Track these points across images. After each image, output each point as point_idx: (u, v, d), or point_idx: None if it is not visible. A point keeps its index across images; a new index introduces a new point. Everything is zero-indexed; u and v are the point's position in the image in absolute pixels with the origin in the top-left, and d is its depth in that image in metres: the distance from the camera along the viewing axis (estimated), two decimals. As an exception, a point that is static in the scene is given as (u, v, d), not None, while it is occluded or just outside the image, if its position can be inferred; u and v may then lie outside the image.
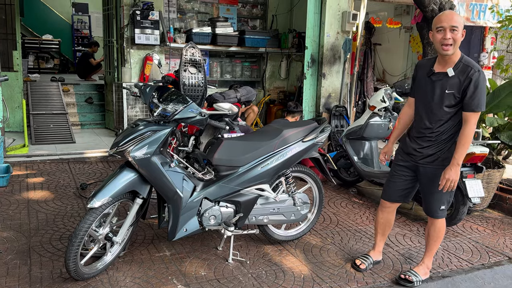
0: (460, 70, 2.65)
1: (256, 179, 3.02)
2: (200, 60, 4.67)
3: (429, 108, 2.76)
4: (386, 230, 3.16)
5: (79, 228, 2.58)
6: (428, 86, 2.76)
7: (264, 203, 3.15)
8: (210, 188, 2.98)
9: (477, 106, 2.60)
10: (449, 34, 2.60)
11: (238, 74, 8.11)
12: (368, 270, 3.13)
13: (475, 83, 2.58)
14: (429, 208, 2.93)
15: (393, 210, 3.11)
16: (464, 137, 2.64)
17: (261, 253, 3.29)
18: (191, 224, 2.95)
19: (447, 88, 2.66)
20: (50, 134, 6.65)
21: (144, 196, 2.80)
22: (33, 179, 4.71)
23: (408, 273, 2.99)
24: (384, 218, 3.11)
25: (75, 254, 2.58)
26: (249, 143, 3.09)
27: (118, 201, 2.74)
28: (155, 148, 2.72)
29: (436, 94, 2.72)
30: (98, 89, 8.35)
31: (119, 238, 2.83)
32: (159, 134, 2.76)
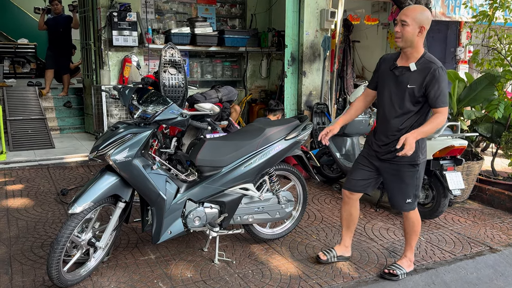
0: (422, 65, 2.68)
1: (239, 178, 3.02)
2: (180, 60, 4.63)
3: (391, 103, 2.78)
4: (350, 225, 3.18)
5: (61, 235, 2.53)
6: (391, 80, 2.79)
7: (249, 203, 3.15)
8: (194, 189, 2.96)
9: (444, 102, 2.64)
10: (398, 28, 2.66)
11: (219, 74, 8.08)
12: (330, 262, 3.13)
13: (438, 79, 2.61)
14: (394, 202, 2.96)
15: (355, 203, 3.12)
16: (435, 120, 2.65)
17: (247, 253, 3.28)
18: (175, 226, 2.93)
19: (409, 83, 2.70)
20: (29, 139, 6.51)
21: (127, 200, 2.76)
22: (12, 186, 4.60)
23: (392, 267, 3.02)
24: (347, 211, 3.13)
25: (57, 261, 2.53)
26: (232, 143, 3.08)
27: (100, 206, 2.70)
28: (136, 151, 2.69)
29: (398, 88, 2.75)
30: (77, 93, 8.21)
31: (102, 243, 2.79)
32: (140, 136, 2.72)
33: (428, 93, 2.64)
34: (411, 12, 2.65)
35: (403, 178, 2.85)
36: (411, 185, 2.87)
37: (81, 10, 7.39)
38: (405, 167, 2.82)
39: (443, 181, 3.85)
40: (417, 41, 2.68)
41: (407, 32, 2.64)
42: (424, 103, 2.71)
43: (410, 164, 2.81)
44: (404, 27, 2.64)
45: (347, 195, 3.09)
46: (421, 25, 2.63)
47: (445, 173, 3.86)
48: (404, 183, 2.86)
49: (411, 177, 2.85)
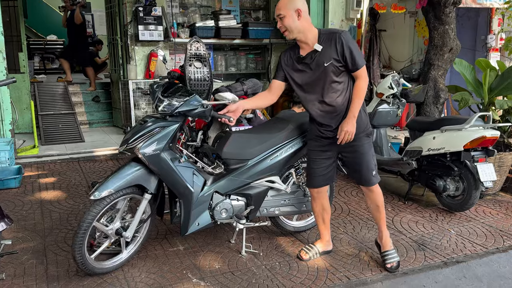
0: (325, 40, 2.68)
1: (265, 171, 3.02)
2: (205, 54, 4.66)
3: (319, 89, 2.76)
4: (325, 217, 3.13)
5: (83, 220, 2.62)
6: (306, 72, 2.78)
7: (275, 195, 3.15)
8: (221, 182, 2.98)
9: (361, 62, 2.68)
10: (279, 23, 2.71)
11: (243, 67, 8.08)
12: (312, 260, 3.08)
13: (347, 43, 2.64)
14: (363, 178, 2.90)
15: (324, 195, 3.08)
16: (359, 90, 2.71)
17: (273, 245, 3.30)
18: (203, 218, 2.97)
19: (324, 61, 2.69)
20: (59, 134, 6.69)
21: (152, 191, 2.79)
22: (45, 179, 4.75)
23: (387, 261, 2.96)
24: (318, 205, 3.09)
25: (80, 245, 2.60)
26: (258, 136, 3.08)
27: (124, 196, 2.75)
28: (164, 144, 2.73)
29: (317, 73, 2.73)
30: (105, 88, 8.38)
31: (129, 233, 2.83)
32: (168, 130, 2.76)
33: (345, 59, 2.65)
34: (281, 3, 2.69)
35: (363, 150, 2.83)
36: (371, 155, 2.87)
37: (107, 6, 7.51)
38: (362, 139, 2.81)
39: (474, 173, 3.76)
40: (303, 25, 2.69)
41: (287, 23, 2.67)
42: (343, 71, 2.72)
43: (366, 135, 2.82)
44: (283, 20, 2.68)
45: (314, 192, 3.05)
46: (296, 9, 2.65)
47: (476, 165, 3.76)
48: (365, 155, 2.84)
49: (369, 147, 2.86)
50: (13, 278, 2.75)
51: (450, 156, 3.95)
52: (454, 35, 4.88)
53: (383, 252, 3.01)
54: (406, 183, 4.40)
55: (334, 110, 2.77)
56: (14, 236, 3.33)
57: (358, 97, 2.71)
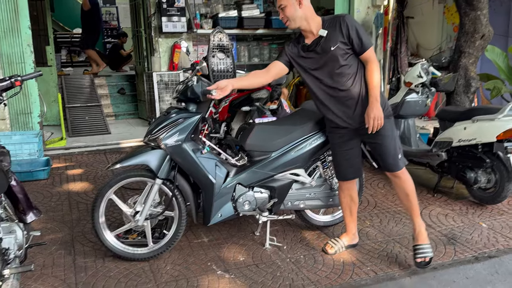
0: (329, 25, 2.63)
1: (290, 164, 2.97)
2: (228, 45, 4.62)
3: (328, 75, 2.68)
4: (353, 209, 3.05)
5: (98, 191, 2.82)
6: (314, 58, 2.70)
7: (300, 188, 3.10)
8: (243, 174, 2.95)
9: (368, 43, 2.62)
10: (281, 14, 2.68)
11: (266, 57, 8.00)
12: (338, 253, 3.02)
13: (352, 24, 2.58)
14: (389, 163, 2.79)
15: (353, 186, 3.00)
16: (372, 73, 2.63)
17: (298, 238, 3.26)
18: (225, 210, 2.95)
19: (331, 45, 2.61)
20: (86, 126, 6.81)
21: (160, 176, 2.76)
22: (72, 171, 4.84)
23: (418, 255, 2.84)
24: (346, 196, 3.01)
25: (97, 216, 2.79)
26: (282, 127, 3.03)
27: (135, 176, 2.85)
28: (186, 135, 2.73)
29: (325, 58, 2.65)
30: (130, 80, 8.46)
31: (139, 217, 2.81)
32: (189, 121, 2.76)
33: (351, 41, 2.59)
34: None
35: (385, 133, 2.71)
36: (394, 137, 2.77)
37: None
38: (384, 121, 2.68)
39: (508, 165, 3.61)
40: (305, 12, 2.64)
41: (289, 12, 2.63)
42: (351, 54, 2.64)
43: (386, 117, 2.70)
44: (284, 10, 2.64)
45: (344, 183, 2.98)
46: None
47: (509, 156, 3.61)
48: (388, 137, 2.73)
49: (391, 129, 2.75)
50: (42, 268, 2.80)
51: (482, 147, 3.80)
52: (486, 21, 4.68)
53: (415, 245, 2.89)
54: (435, 175, 4.27)
55: (347, 96, 2.69)
56: (43, 226, 3.40)
57: (373, 80, 2.62)
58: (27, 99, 5.26)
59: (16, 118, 5.25)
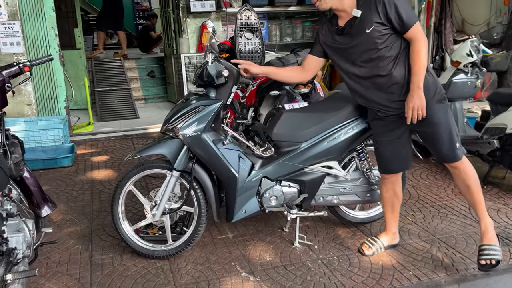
0: (364, 3, 2.27)
1: (321, 155, 2.67)
2: (256, 23, 4.29)
3: (365, 61, 2.33)
4: (395, 205, 2.71)
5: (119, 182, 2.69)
6: (348, 43, 2.35)
7: (333, 182, 2.80)
8: (270, 166, 2.67)
9: (411, 19, 2.22)
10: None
11: (298, 36, 7.59)
12: (376, 255, 2.70)
13: (390, 2, 2.20)
14: (444, 153, 2.43)
15: (397, 180, 2.65)
16: (417, 54, 2.24)
17: (331, 236, 2.97)
18: (250, 205, 2.69)
19: (366, 27, 2.24)
20: (115, 110, 6.70)
21: (178, 167, 2.54)
22: (98, 158, 4.71)
23: (483, 256, 2.47)
24: (389, 190, 2.67)
25: (116, 207, 2.68)
26: (313, 115, 2.72)
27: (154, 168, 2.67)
28: (205, 125, 2.48)
29: (360, 41, 2.29)
30: (159, 62, 8.30)
31: (156, 211, 2.62)
32: (209, 108, 2.49)
33: (390, 20, 2.22)
34: None
35: (437, 120, 2.35)
36: (450, 124, 2.38)
37: (159, -23, 7.31)
38: (434, 107, 2.32)
39: None
40: None
41: None
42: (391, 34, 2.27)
43: (438, 101, 2.34)
44: None
45: (386, 176, 2.64)
46: None
47: None
48: (441, 125, 2.36)
49: (444, 115, 2.37)
50: (57, 265, 2.66)
51: (542, 134, 3.35)
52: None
53: (481, 245, 2.52)
54: (485, 164, 3.84)
55: (389, 81, 2.34)
56: (62, 218, 3.27)
57: (418, 63, 2.24)
58: (53, 84, 5.16)
59: (42, 103, 5.16)
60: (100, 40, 9.00)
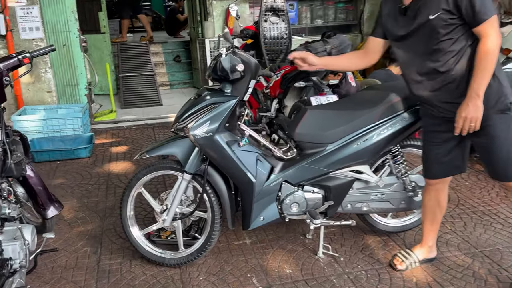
0: None
1: (351, 158, 2.36)
2: (282, 6, 3.97)
3: (425, 52, 1.99)
4: (437, 215, 2.36)
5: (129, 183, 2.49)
6: (409, 26, 1.99)
7: (363, 188, 2.49)
8: (292, 170, 2.40)
9: (485, 12, 1.81)
10: None
11: (331, 18, 7.17)
12: (409, 270, 2.39)
13: None
14: (497, 170, 2.08)
15: (443, 188, 2.30)
16: (483, 55, 1.85)
17: (359, 246, 2.68)
18: (269, 212, 2.44)
19: (430, 13, 1.89)
20: (138, 97, 6.55)
21: (190, 170, 2.31)
22: (117, 148, 4.56)
23: None
24: (432, 199, 2.32)
25: (125, 209, 2.49)
26: (342, 113, 2.41)
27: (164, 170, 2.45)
28: (218, 125, 2.22)
29: (422, 27, 1.94)
30: (186, 47, 8.07)
31: (166, 216, 2.41)
32: (224, 106, 2.22)
33: (459, 8, 1.84)
34: None
35: (495, 133, 1.98)
36: (508, 139, 1.99)
37: (184, -43, 7.02)
38: (493, 118, 1.95)
39: None
40: None
41: None
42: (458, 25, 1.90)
43: (499, 111, 1.95)
44: None
45: (431, 182, 2.30)
46: None
47: None
48: (498, 139, 1.98)
49: (506, 129, 1.98)
50: (63, 271, 2.50)
51: None
52: None
53: None
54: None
55: (447, 79, 1.98)
56: (74, 216, 3.12)
57: (483, 66, 1.84)
58: (73, 70, 5.02)
59: (62, 90, 5.05)
60: (124, 27, 8.78)
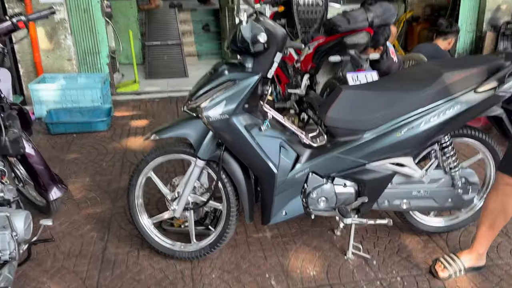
0: None
1: (392, 149, 2.00)
2: (319, -31, 3.54)
3: None
4: (497, 222, 1.98)
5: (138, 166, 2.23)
6: None
7: (404, 183, 2.14)
8: (321, 159, 2.06)
9: None
10: None
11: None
12: (453, 278, 2.06)
13: None
14: None
15: None
16: None
17: (395, 247, 2.35)
18: (292, 206, 2.13)
19: None
20: (164, 67, 6.27)
21: (203, 156, 2.03)
22: (137, 122, 4.32)
23: None
24: (498, 201, 1.93)
25: (132, 194, 2.25)
26: (384, 95, 2.03)
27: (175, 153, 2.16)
28: (236, 105, 1.90)
29: None
30: (215, 15, 7.68)
31: (177, 206, 2.15)
32: (243, 84, 1.89)
33: None
34: None
35: None
36: None
37: None
38: None
39: None
40: None
41: None
42: None
43: None
44: None
45: (504, 179, 1.89)
46: None
47: None
48: None
49: None
50: (65, 258, 2.29)
51: None
52: None
53: None
54: None
55: None
56: (84, 196, 2.92)
57: None
58: (95, 37, 4.77)
59: (83, 58, 4.82)
60: None
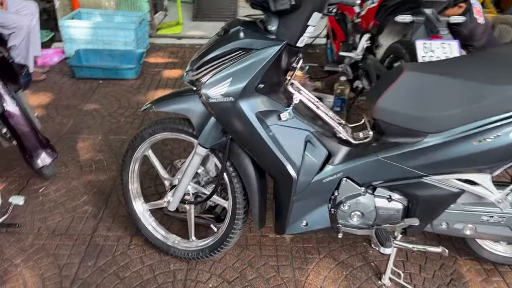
0: None
1: (464, 162, 1.41)
2: None
3: None
4: None
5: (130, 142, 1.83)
6: None
7: (471, 204, 1.56)
8: (361, 162, 1.52)
9: None
10: None
11: None
12: None
13: None
14: None
15: None
16: None
17: (447, 275, 1.81)
18: (315, 216, 1.64)
19: None
20: (213, 8, 5.69)
21: (204, 143, 1.56)
22: (170, 72, 3.88)
23: None
24: None
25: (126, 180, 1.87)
26: (464, 84, 1.39)
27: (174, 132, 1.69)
28: (246, 84, 1.37)
29: None
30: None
31: (174, 197, 1.73)
32: (259, 55, 1.35)
33: None
34: None
35: None
36: None
37: None
38: None
39: None
40: None
41: None
42: None
43: None
44: None
45: None
46: None
47: None
48: None
49: None
50: (48, 236, 1.97)
51: None
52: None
53: None
54: None
55: None
56: (90, 157, 2.57)
57: None
58: (134, -29, 4.29)
59: (121, -5, 4.39)
60: None
